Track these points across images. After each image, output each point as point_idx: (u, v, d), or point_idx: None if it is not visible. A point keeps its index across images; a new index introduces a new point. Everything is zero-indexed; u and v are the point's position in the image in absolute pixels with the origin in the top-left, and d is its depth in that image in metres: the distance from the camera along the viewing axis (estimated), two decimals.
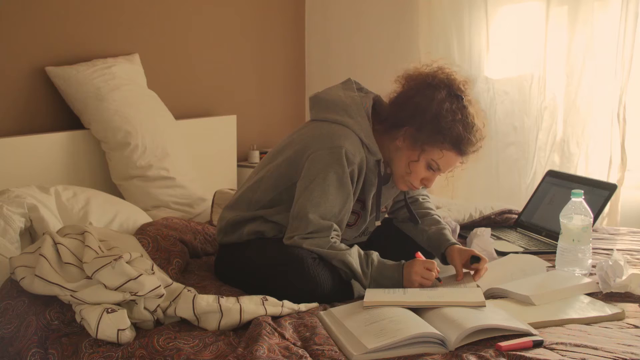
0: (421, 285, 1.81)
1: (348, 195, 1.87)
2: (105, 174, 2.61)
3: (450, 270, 1.97)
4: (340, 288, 1.84)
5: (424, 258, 1.86)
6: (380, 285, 1.82)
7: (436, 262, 1.88)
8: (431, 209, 2.16)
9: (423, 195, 2.20)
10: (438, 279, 1.83)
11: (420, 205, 2.16)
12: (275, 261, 1.83)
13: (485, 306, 1.61)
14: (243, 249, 1.95)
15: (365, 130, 1.91)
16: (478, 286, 1.82)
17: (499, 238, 2.39)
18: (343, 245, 1.85)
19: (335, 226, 1.86)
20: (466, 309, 1.60)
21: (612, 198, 2.63)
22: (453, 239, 2.05)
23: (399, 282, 1.81)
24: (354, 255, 1.83)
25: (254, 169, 2.10)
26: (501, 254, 2.18)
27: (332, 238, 1.85)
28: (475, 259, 1.93)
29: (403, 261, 1.84)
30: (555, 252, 2.02)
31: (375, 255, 1.86)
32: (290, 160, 1.93)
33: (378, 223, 2.05)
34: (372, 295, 1.72)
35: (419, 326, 1.50)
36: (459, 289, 1.82)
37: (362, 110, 1.93)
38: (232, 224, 2.00)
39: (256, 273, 1.86)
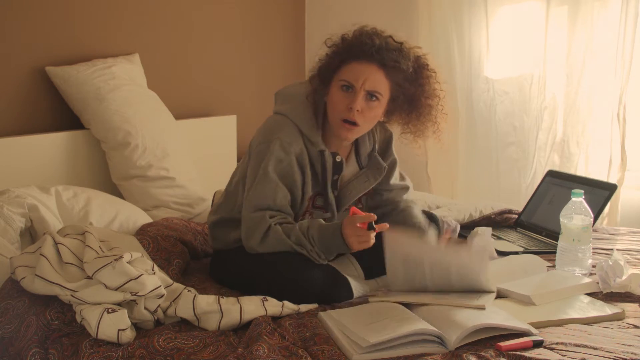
0: (362, 246, 1.75)
1: (277, 183, 1.85)
2: (105, 174, 2.61)
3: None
4: (336, 286, 1.82)
5: (360, 213, 1.77)
6: (332, 251, 1.81)
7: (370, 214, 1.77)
8: (412, 215, 2.07)
9: (404, 201, 2.10)
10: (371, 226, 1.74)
11: (401, 213, 2.07)
12: (265, 266, 1.82)
13: (484, 309, 1.60)
14: (233, 255, 1.95)
15: (307, 121, 1.90)
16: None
17: (499, 238, 2.39)
18: (288, 228, 1.82)
19: (270, 213, 1.84)
20: (466, 310, 1.60)
21: (612, 198, 2.63)
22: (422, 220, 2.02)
23: (344, 245, 1.77)
24: (299, 241, 1.80)
25: (234, 170, 2.11)
26: (501, 253, 2.18)
27: (270, 219, 1.83)
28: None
29: (340, 222, 1.79)
30: (555, 252, 2.02)
31: (315, 228, 1.81)
32: (248, 156, 1.97)
33: (329, 215, 1.97)
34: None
35: (421, 324, 1.50)
36: (469, 294, 1.77)
37: (310, 103, 1.93)
38: (216, 228, 2.02)
39: (250, 278, 1.85)
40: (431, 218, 2.12)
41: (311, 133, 1.90)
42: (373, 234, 1.76)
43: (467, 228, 2.41)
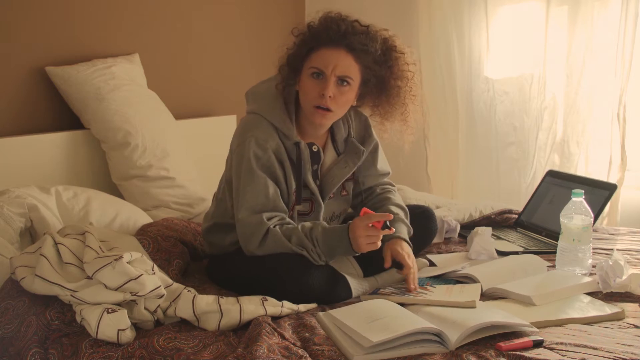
0: (370, 247, 1.76)
1: (265, 179, 1.85)
2: (105, 174, 2.61)
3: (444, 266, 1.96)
4: (335, 286, 1.82)
5: (371, 213, 1.77)
6: (335, 253, 1.80)
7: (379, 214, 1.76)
8: (389, 199, 2.04)
9: (382, 185, 2.11)
10: (387, 226, 1.74)
11: (377, 197, 2.07)
12: (263, 268, 1.82)
13: (475, 307, 1.60)
14: (230, 260, 1.95)
15: (279, 116, 1.90)
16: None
17: (499, 238, 2.39)
18: (288, 229, 1.82)
19: (267, 215, 1.84)
20: (464, 309, 1.61)
21: (612, 198, 2.63)
22: (400, 232, 1.92)
23: (350, 248, 1.78)
24: (300, 242, 1.80)
25: (221, 176, 2.10)
26: (501, 253, 2.18)
27: (269, 221, 1.83)
28: (398, 265, 1.84)
29: (349, 223, 1.80)
30: (555, 252, 2.02)
31: (319, 230, 1.81)
32: (230, 160, 1.97)
33: (301, 207, 1.95)
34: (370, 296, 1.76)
35: (422, 322, 1.50)
36: (452, 286, 1.82)
37: (279, 98, 1.93)
38: (211, 234, 2.02)
39: (248, 281, 1.84)
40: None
41: (285, 127, 1.90)
42: (381, 236, 1.76)
43: (467, 228, 2.41)
